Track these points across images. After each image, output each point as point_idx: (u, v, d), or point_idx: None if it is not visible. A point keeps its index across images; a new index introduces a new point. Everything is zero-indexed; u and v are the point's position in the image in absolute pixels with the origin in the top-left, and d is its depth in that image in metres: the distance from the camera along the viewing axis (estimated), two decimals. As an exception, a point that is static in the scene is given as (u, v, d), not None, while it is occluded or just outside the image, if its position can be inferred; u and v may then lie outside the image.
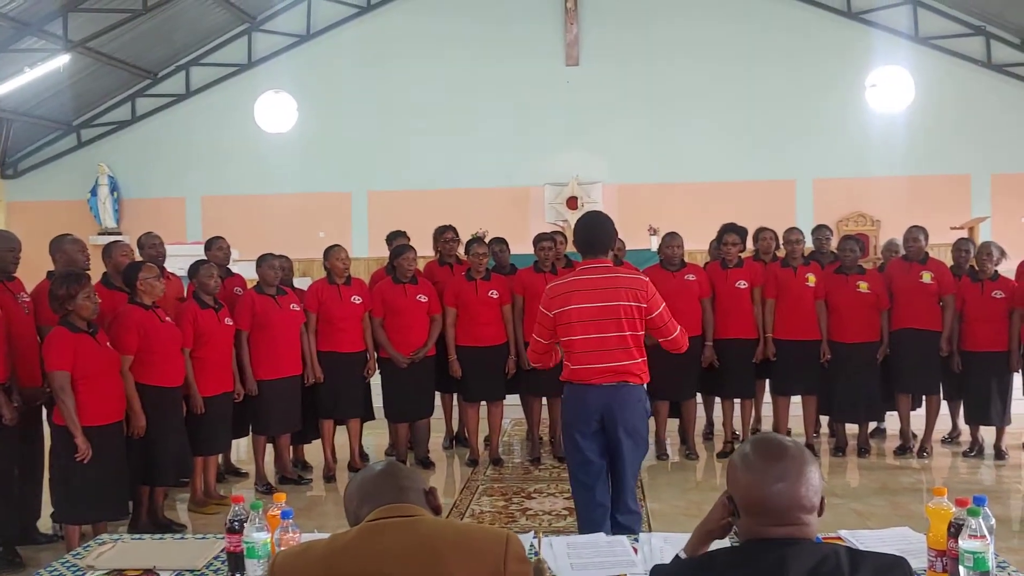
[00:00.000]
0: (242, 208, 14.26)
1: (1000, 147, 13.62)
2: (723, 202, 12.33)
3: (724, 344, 6.89)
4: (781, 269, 6.90)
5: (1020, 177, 13.58)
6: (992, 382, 6.68)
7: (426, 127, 14.25)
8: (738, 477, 1.94)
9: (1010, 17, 13.27)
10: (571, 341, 3.94)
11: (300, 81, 14.60)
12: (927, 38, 13.76)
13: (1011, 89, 13.71)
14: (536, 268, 6.80)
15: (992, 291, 6.65)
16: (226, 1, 13.44)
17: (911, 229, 6.95)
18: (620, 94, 14.00)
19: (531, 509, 5.78)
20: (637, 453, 4.02)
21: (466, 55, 14.18)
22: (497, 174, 14.15)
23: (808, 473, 1.88)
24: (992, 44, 13.68)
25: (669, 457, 7.07)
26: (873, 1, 13.80)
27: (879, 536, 2.77)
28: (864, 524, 5.17)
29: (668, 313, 3.99)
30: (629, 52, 13.99)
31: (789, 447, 1.93)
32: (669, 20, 13.94)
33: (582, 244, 4.07)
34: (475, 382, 6.80)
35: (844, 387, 6.82)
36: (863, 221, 13.69)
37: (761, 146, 13.86)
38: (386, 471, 2.09)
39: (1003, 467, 6.71)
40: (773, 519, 1.86)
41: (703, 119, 13.90)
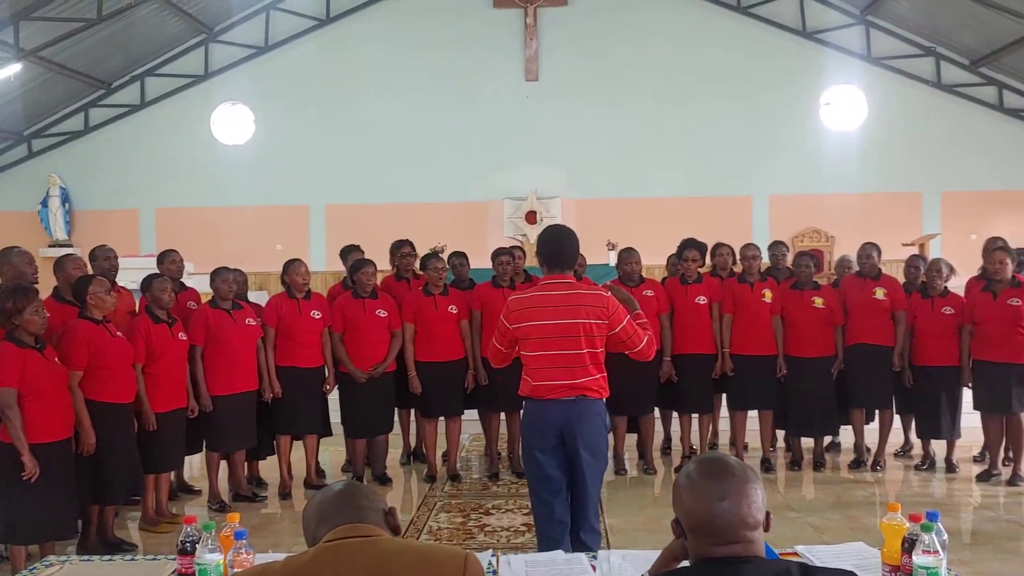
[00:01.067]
0: (198, 221, 14.08)
1: (950, 166, 13.93)
2: (681, 218, 12.45)
3: (683, 359, 6.93)
4: (738, 285, 6.96)
5: (969, 195, 13.88)
6: (942, 396, 6.79)
7: (385, 141, 14.21)
8: (682, 498, 1.93)
9: (959, 39, 13.59)
10: (531, 357, 3.92)
11: (257, 93, 14.48)
12: (879, 58, 14.04)
13: (960, 109, 14.03)
14: (495, 283, 6.79)
15: (942, 307, 6.77)
16: (183, 12, 13.29)
17: (864, 246, 7.07)
18: (579, 109, 14.08)
19: (489, 525, 5.75)
20: (597, 468, 3.99)
21: (426, 69, 14.18)
22: (456, 188, 14.15)
23: (750, 491, 1.88)
24: (942, 65, 14.00)
25: (627, 472, 7.08)
26: (827, 21, 14.06)
27: (835, 551, 2.79)
28: (820, 538, 5.22)
29: (632, 325, 3.96)
30: (588, 68, 14.09)
31: (731, 466, 1.92)
32: (628, 37, 14.07)
33: (545, 258, 4.03)
34: (433, 397, 6.77)
35: (800, 402, 6.90)
36: (818, 237, 13.89)
37: (718, 162, 14.01)
38: (345, 491, 2.06)
39: (954, 480, 6.82)
40: (718, 538, 1.86)
41: (662, 135, 14.02)
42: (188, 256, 7.20)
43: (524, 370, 3.99)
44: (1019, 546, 5.39)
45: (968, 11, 12.04)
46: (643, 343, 4.00)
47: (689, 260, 6.93)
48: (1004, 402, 6.50)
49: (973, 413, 6.87)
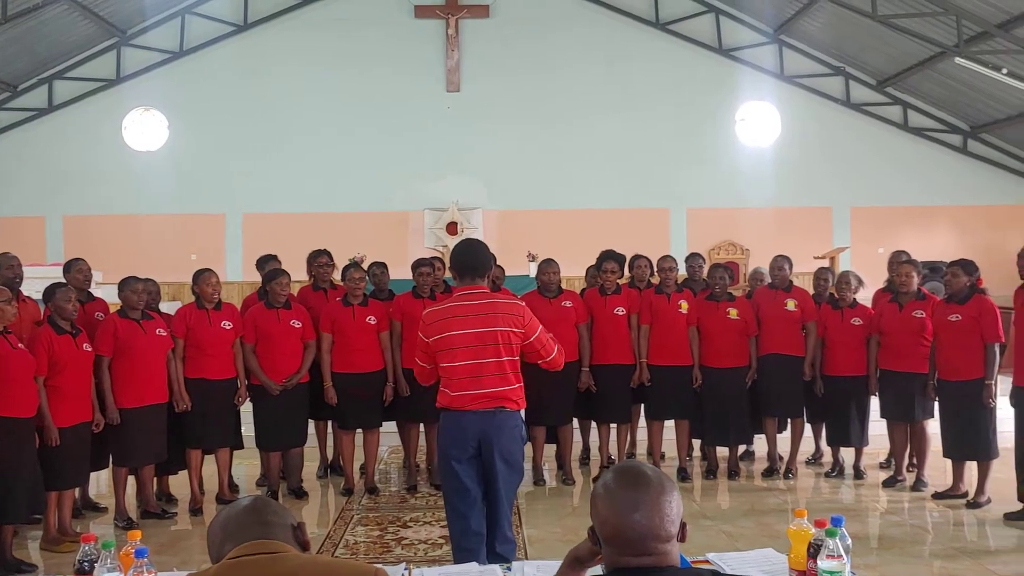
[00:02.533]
0: (108, 229, 13.68)
1: (858, 181, 14.41)
2: (601, 229, 12.58)
3: (602, 369, 6.97)
4: (655, 296, 7.05)
5: (876, 210, 14.39)
6: (851, 405, 6.98)
7: (304, 149, 14.05)
8: (597, 507, 1.93)
9: (866, 60, 14.09)
10: (449, 368, 3.91)
11: (172, 99, 14.16)
12: (792, 76, 14.45)
13: (868, 127, 14.53)
14: (415, 294, 6.75)
15: (851, 318, 6.97)
16: (93, 14, 12.92)
17: (776, 258, 7.24)
18: (500, 121, 14.15)
19: (407, 538, 5.69)
20: (513, 480, 4.00)
21: (346, 77, 14.08)
22: (376, 198, 14.06)
23: (664, 502, 1.88)
24: (851, 84, 14.49)
25: (546, 482, 7.10)
26: (741, 39, 14.43)
27: (744, 558, 2.83)
28: (733, 545, 5.30)
29: (546, 335, 4.03)
30: (510, 79, 14.17)
31: (647, 476, 1.92)
32: (549, 50, 14.20)
33: (458, 270, 4.07)
34: (351, 409, 6.67)
35: (715, 411, 7.01)
36: (733, 250, 14.20)
37: (637, 175, 14.22)
38: (252, 506, 2.00)
39: (862, 486, 7.01)
40: (631, 549, 1.86)
41: (582, 147, 14.18)
42: (98, 265, 6.98)
43: (442, 381, 3.98)
44: (923, 549, 5.55)
45: (875, 33, 12.48)
46: (555, 352, 4.08)
47: (608, 271, 6.99)
48: (908, 410, 6.72)
49: (880, 421, 7.07)
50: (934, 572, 5.15)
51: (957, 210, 14.45)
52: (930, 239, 13.71)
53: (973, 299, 6.27)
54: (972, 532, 5.90)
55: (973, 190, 14.54)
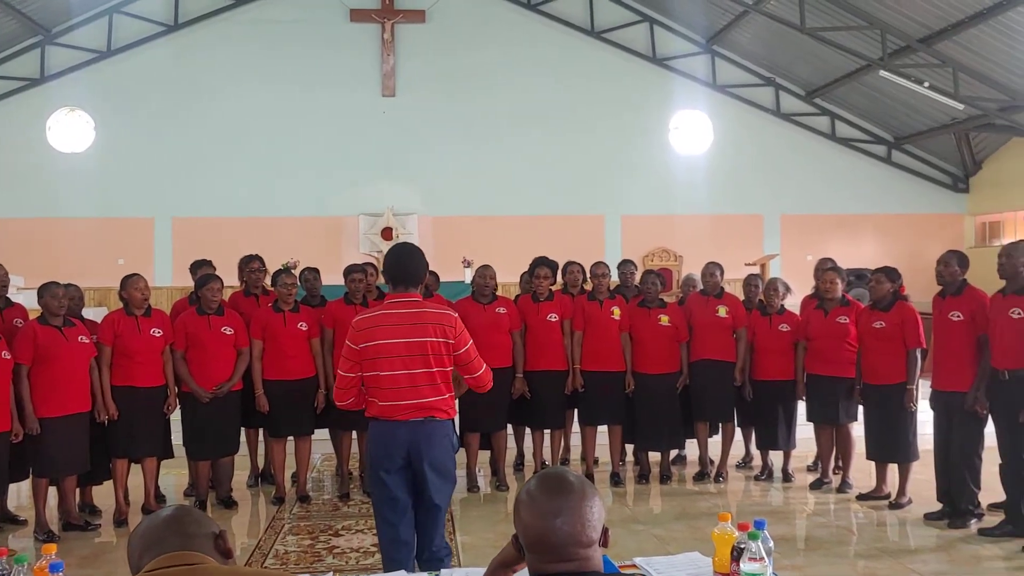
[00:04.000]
0: (30, 232, 13.28)
1: (788, 190, 14.73)
2: (536, 236, 12.64)
3: (535, 375, 6.99)
4: (588, 302, 7.09)
5: (805, 218, 14.71)
6: (779, 409, 7.12)
7: (236, 152, 13.84)
8: (520, 514, 1.94)
9: (796, 71, 14.42)
10: (377, 377, 3.85)
11: (99, 99, 13.83)
12: (724, 86, 14.71)
13: (797, 136, 14.86)
14: (347, 300, 6.69)
15: (779, 324, 7.11)
16: (16, 11, 12.55)
17: (708, 265, 7.35)
18: (436, 127, 14.12)
19: (338, 547, 5.62)
20: (445, 488, 3.95)
21: (279, 81, 13.91)
22: (310, 203, 13.91)
23: (586, 509, 1.89)
24: (781, 95, 14.81)
25: (480, 489, 7.09)
26: (675, 49, 14.64)
27: (670, 562, 2.85)
28: (664, 549, 5.36)
29: (475, 351, 3.98)
30: (445, 85, 14.16)
31: (569, 483, 1.93)
32: (485, 56, 14.23)
33: (392, 276, 3.99)
34: (282, 417, 6.58)
35: (647, 416, 7.08)
36: (667, 256, 14.38)
37: (573, 182, 14.32)
38: (172, 516, 1.96)
39: (790, 488, 7.14)
40: (553, 555, 1.87)
41: (518, 154, 14.23)
42: (19, 270, 6.77)
43: (370, 391, 3.91)
44: (847, 550, 5.68)
45: (803, 45, 12.78)
46: (483, 370, 4.02)
47: (541, 278, 7.02)
48: (834, 414, 6.87)
49: (807, 425, 7.22)
50: (858, 572, 5.26)
51: (882, 218, 14.86)
52: (856, 247, 14.07)
53: (896, 306, 6.44)
54: (894, 532, 6.05)
55: (897, 199, 14.96)
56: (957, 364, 5.92)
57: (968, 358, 5.87)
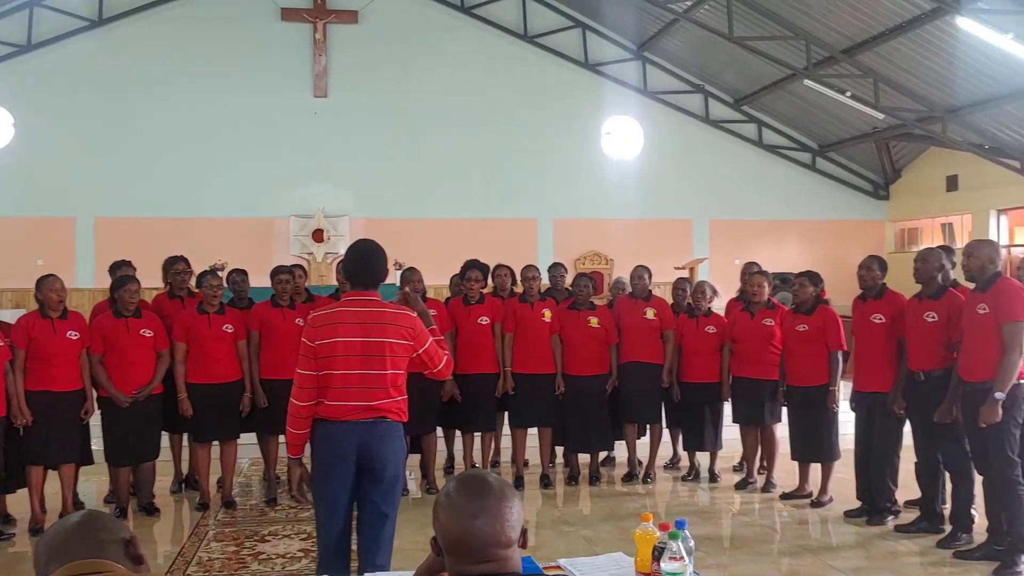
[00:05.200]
0: (-56, 232, 12.81)
1: (717, 195, 14.99)
2: (468, 239, 12.63)
3: (465, 378, 6.97)
4: (519, 305, 7.11)
5: (733, 223, 14.99)
6: (706, 411, 7.23)
7: (163, 151, 13.55)
8: (439, 516, 1.93)
9: (724, 78, 14.69)
10: (330, 376, 3.72)
11: (18, 95, 13.40)
12: (654, 92, 14.91)
13: (725, 143, 15.14)
14: (273, 302, 6.59)
15: (705, 326, 7.22)
16: (-70, 2, 12.12)
17: (636, 268, 7.43)
18: (369, 128, 14.02)
19: (264, 553, 5.53)
20: (392, 492, 3.85)
21: (208, 79, 13.66)
22: (241, 203, 13.69)
23: (505, 509, 1.89)
24: (710, 102, 15.06)
25: (410, 492, 7.05)
26: (607, 55, 14.80)
27: (594, 562, 2.87)
28: (592, 550, 5.39)
29: (434, 345, 3.88)
30: (379, 87, 14.07)
31: (488, 484, 1.93)
32: (419, 58, 14.18)
33: (352, 274, 3.87)
34: (207, 421, 6.44)
35: (577, 418, 7.12)
36: (598, 260, 14.51)
37: (506, 185, 14.36)
38: (80, 523, 1.89)
39: (716, 489, 7.26)
40: (472, 557, 1.87)
41: (450, 156, 14.21)
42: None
43: (321, 389, 3.75)
44: (771, 548, 5.80)
45: (732, 54, 13.03)
46: (443, 363, 3.93)
47: (471, 280, 7.02)
48: (759, 415, 7.00)
49: (733, 426, 7.34)
50: (781, 569, 5.37)
51: (807, 224, 15.22)
52: (782, 251, 14.39)
53: (818, 309, 6.60)
54: (816, 530, 6.19)
55: (821, 205, 15.35)
56: (877, 365, 6.08)
57: (887, 360, 6.04)
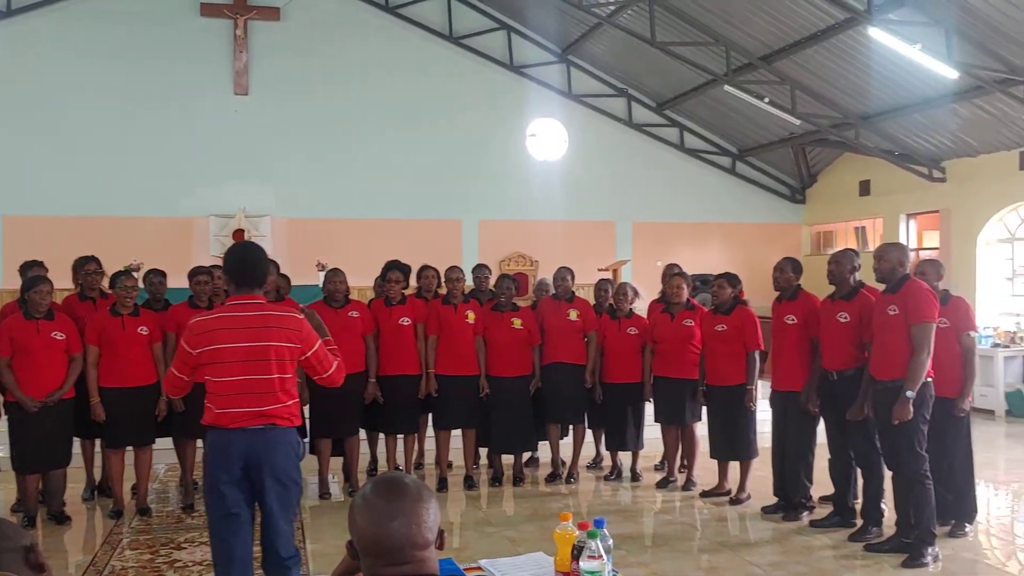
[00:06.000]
0: None
1: (640, 198, 15.16)
2: (393, 239, 12.50)
3: (388, 380, 6.94)
4: (442, 306, 7.10)
5: (655, 225, 15.19)
6: (628, 411, 7.32)
7: (76, 148, 13.09)
8: (355, 519, 1.92)
9: (647, 83, 14.88)
10: (216, 383, 3.69)
11: (-81, 87, 12.82)
12: (578, 95, 15.02)
13: (648, 147, 15.33)
14: (191, 303, 6.45)
15: (627, 327, 7.31)
16: None
17: (559, 270, 7.49)
18: (291, 127, 13.80)
19: (180, 560, 5.41)
20: (290, 498, 3.82)
21: (125, 74, 13.26)
22: (158, 202, 13.31)
23: (422, 510, 1.89)
24: (633, 106, 15.24)
25: (332, 495, 6.98)
26: (532, 57, 14.84)
27: (515, 562, 2.88)
28: (515, 550, 5.41)
29: (324, 350, 3.88)
30: (301, 85, 13.85)
31: (405, 485, 1.92)
32: (342, 57, 14.01)
33: (233, 278, 3.83)
34: (121, 426, 6.28)
35: (501, 420, 7.14)
36: (523, 261, 14.55)
37: (431, 186, 14.27)
38: (-25, 532, 1.82)
39: (638, 488, 7.36)
40: (390, 558, 1.85)
41: (374, 157, 14.08)
42: None
43: (207, 396, 3.74)
44: (691, 545, 5.90)
45: (654, 59, 13.20)
46: (333, 368, 3.91)
47: (392, 281, 6.99)
48: (679, 415, 7.12)
49: (655, 425, 7.45)
50: (701, 566, 5.47)
51: (727, 227, 15.51)
52: (703, 253, 14.62)
53: (736, 310, 6.74)
54: (734, 526, 6.33)
55: (740, 209, 15.66)
56: (792, 365, 6.25)
57: (802, 359, 6.20)
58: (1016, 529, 6.47)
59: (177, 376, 3.82)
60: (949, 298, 5.82)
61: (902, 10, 9.72)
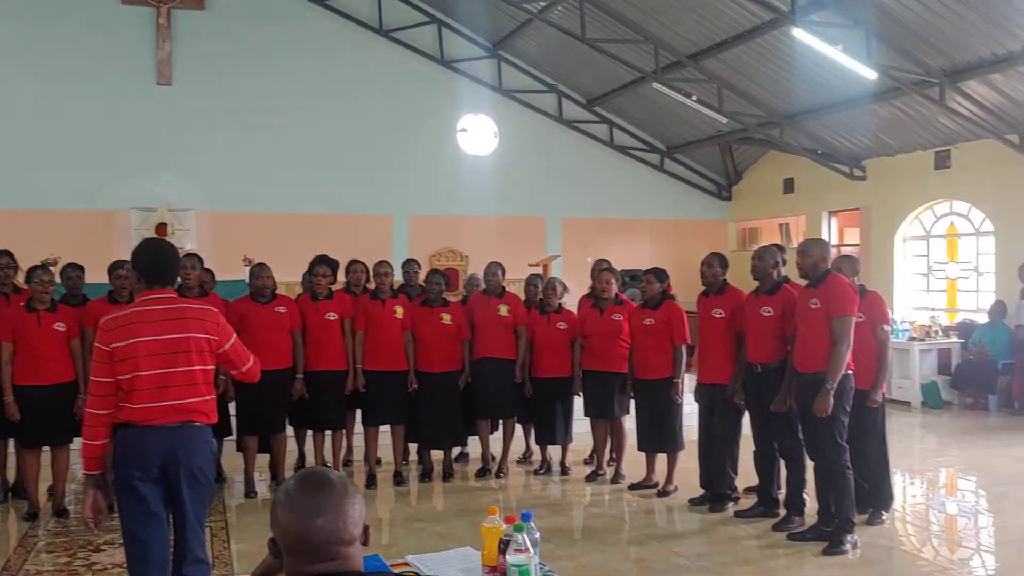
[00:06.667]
0: None
1: (570, 194, 15.27)
2: (322, 234, 12.37)
3: (316, 376, 6.84)
4: (370, 301, 7.03)
5: (585, 221, 15.31)
6: (557, 405, 7.34)
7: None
8: (277, 516, 1.88)
9: (578, 79, 14.98)
10: (133, 379, 3.57)
11: None
12: (509, 91, 15.04)
13: (578, 143, 15.44)
14: (111, 298, 6.27)
15: (557, 322, 7.34)
16: None
17: (490, 265, 7.48)
18: (217, 119, 13.53)
19: (99, 563, 5.25)
20: (203, 498, 3.74)
21: (42, 63, 12.85)
22: (77, 195, 12.94)
23: (347, 506, 1.86)
24: (563, 102, 15.32)
25: (258, 494, 6.85)
26: (462, 52, 14.82)
27: (442, 557, 2.87)
28: (445, 546, 5.34)
29: (240, 344, 3.82)
30: (227, 77, 13.59)
31: (329, 481, 1.89)
32: (268, 49, 13.80)
33: (144, 274, 3.72)
34: (37, 425, 6.05)
35: (430, 415, 7.10)
36: (454, 256, 14.52)
37: (361, 180, 14.16)
38: None
39: (568, 481, 7.40)
40: (314, 555, 1.82)
41: (303, 150, 13.90)
42: None
43: (123, 394, 3.60)
44: (620, 538, 5.95)
45: (585, 55, 13.28)
46: (251, 363, 3.87)
47: (319, 276, 6.89)
48: (608, 408, 7.17)
49: (585, 419, 7.49)
50: (629, 558, 5.52)
51: (655, 223, 15.71)
52: (632, 249, 14.78)
53: (664, 304, 6.81)
54: (662, 518, 6.40)
55: (669, 205, 15.88)
56: (718, 358, 6.35)
57: (728, 353, 6.31)
58: (930, 516, 6.68)
59: (100, 382, 3.58)
60: (865, 293, 5.98)
61: (824, 12, 9.96)
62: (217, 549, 5.48)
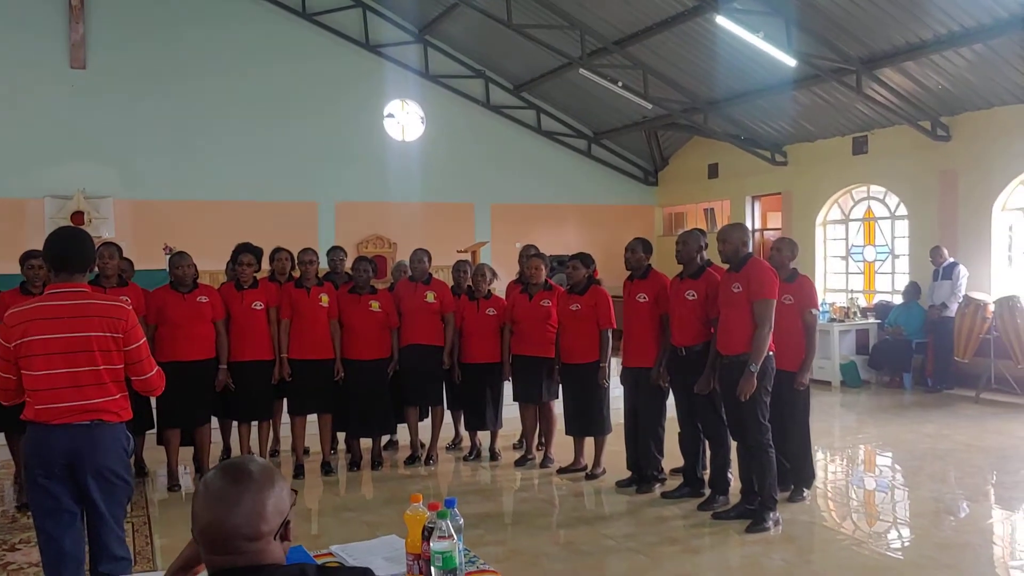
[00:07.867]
0: None
1: (498, 180, 15.28)
2: (245, 222, 12.15)
3: (240, 366, 6.73)
4: (295, 290, 6.93)
5: (514, 207, 15.34)
6: (487, 391, 7.35)
7: None
8: (194, 507, 1.85)
9: (504, 65, 14.96)
10: (34, 376, 3.46)
11: None
12: (436, 76, 14.95)
13: (506, 129, 15.44)
14: (23, 289, 6.06)
15: (486, 308, 7.34)
16: None
17: (416, 252, 7.44)
18: (135, 104, 13.16)
19: (15, 563, 5.09)
20: (116, 496, 3.62)
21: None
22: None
23: (265, 498, 1.81)
24: (491, 87, 15.29)
25: (182, 488, 6.72)
26: (388, 37, 14.67)
27: (367, 546, 2.85)
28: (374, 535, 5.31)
29: (146, 350, 3.68)
30: (145, 59, 13.22)
31: (248, 472, 1.84)
32: (188, 31, 13.45)
33: (53, 263, 3.59)
34: (-55, 422, 5.85)
35: (358, 403, 7.04)
36: (381, 243, 14.41)
37: (284, 167, 13.93)
38: None
39: (497, 467, 7.42)
40: (224, 548, 1.79)
41: (224, 136, 13.61)
42: None
43: (26, 392, 3.51)
44: (549, 521, 5.99)
45: (511, 41, 13.27)
46: (153, 373, 3.70)
47: (244, 264, 6.77)
48: (536, 393, 7.21)
49: (514, 404, 7.52)
50: (558, 541, 5.56)
51: (583, 208, 15.83)
52: (560, 234, 14.88)
53: (590, 290, 6.86)
54: (590, 501, 6.47)
55: (596, 191, 16.01)
56: (643, 342, 6.42)
57: (652, 336, 6.38)
58: (850, 492, 6.88)
59: (3, 377, 3.51)
60: (796, 276, 6.10)
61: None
62: (139, 544, 5.36)
